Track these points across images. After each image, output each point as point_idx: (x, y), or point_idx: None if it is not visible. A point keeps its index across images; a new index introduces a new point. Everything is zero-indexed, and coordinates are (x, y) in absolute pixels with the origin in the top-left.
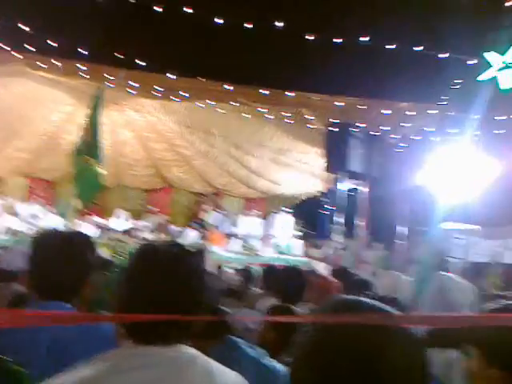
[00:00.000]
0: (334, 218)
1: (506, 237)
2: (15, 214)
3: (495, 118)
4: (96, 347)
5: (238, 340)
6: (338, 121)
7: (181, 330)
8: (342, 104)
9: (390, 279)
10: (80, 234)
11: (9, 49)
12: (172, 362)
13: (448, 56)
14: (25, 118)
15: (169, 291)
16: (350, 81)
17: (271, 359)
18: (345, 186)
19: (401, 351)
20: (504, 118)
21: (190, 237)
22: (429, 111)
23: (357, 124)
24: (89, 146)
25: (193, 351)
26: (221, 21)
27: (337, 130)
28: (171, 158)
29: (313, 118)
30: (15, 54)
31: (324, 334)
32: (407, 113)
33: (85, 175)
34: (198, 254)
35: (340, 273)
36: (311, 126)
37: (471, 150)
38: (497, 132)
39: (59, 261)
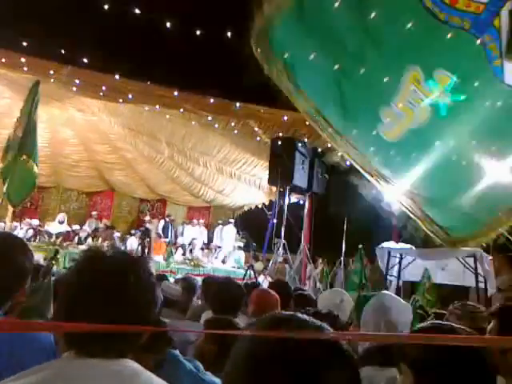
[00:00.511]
0: (277, 231)
1: (437, 257)
2: None
3: None
4: (33, 358)
5: (177, 354)
6: (283, 134)
7: (125, 342)
8: (287, 118)
9: (333, 296)
10: (11, 235)
11: None
12: (114, 376)
13: None
14: None
15: (113, 301)
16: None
17: (210, 373)
18: (288, 199)
19: (334, 367)
20: None
21: (131, 244)
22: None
23: (302, 139)
24: (24, 143)
25: (136, 366)
26: (170, 25)
27: (282, 143)
28: (114, 160)
29: (259, 130)
30: None
31: (257, 349)
32: None
33: (18, 173)
34: (144, 262)
35: (280, 286)
36: (258, 138)
37: None
38: None
39: None
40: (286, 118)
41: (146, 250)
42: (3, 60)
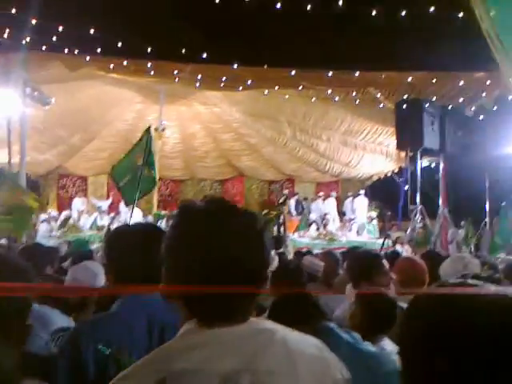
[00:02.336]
0: (411, 197)
1: None
2: (98, 211)
3: None
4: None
5: (333, 325)
6: (408, 97)
7: (250, 301)
8: (411, 79)
9: (454, 263)
10: (150, 225)
11: (78, 53)
12: (251, 339)
13: None
14: (101, 119)
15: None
16: (418, 55)
17: (368, 343)
18: (420, 163)
19: None
20: None
21: None
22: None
23: (429, 99)
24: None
25: (270, 324)
26: (278, 5)
27: (407, 106)
28: (239, 147)
29: (381, 96)
30: (86, 58)
31: (438, 317)
32: (482, 83)
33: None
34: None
35: (431, 255)
36: (381, 105)
37: None
38: None
39: (140, 253)
40: (409, 79)
41: (282, 229)
42: (132, 68)
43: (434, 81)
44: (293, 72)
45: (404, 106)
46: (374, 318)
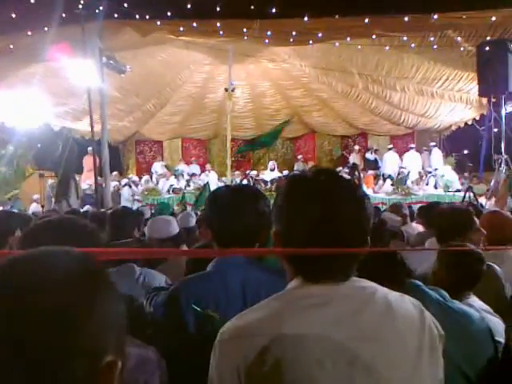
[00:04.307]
0: (495, 147)
1: None
2: (174, 174)
3: None
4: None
5: (419, 283)
6: (491, 38)
7: (352, 261)
8: (495, 18)
9: None
10: (246, 185)
11: (149, 18)
12: (355, 297)
13: None
14: (172, 84)
15: (338, 220)
16: None
17: (457, 301)
18: (504, 109)
19: None
20: None
21: None
22: None
23: None
24: None
25: (368, 284)
26: None
27: (490, 48)
28: (310, 103)
29: (461, 38)
30: (156, 23)
31: None
32: None
33: None
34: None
35: None
36: (461, 49)
37: None
38: None
39: (239, 213)
40: (493, 18)
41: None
42: (201, 29)
43: None
44: (366, 20)
45: (486, 48)
46: (460, 275)
